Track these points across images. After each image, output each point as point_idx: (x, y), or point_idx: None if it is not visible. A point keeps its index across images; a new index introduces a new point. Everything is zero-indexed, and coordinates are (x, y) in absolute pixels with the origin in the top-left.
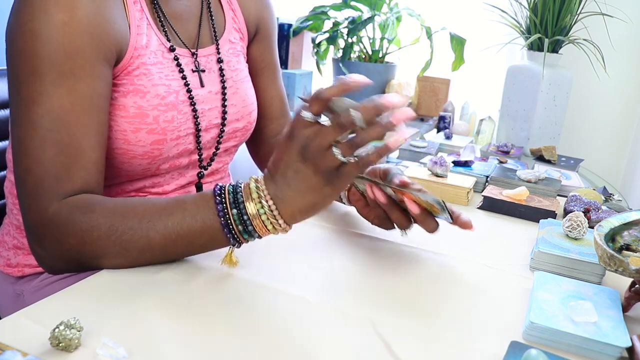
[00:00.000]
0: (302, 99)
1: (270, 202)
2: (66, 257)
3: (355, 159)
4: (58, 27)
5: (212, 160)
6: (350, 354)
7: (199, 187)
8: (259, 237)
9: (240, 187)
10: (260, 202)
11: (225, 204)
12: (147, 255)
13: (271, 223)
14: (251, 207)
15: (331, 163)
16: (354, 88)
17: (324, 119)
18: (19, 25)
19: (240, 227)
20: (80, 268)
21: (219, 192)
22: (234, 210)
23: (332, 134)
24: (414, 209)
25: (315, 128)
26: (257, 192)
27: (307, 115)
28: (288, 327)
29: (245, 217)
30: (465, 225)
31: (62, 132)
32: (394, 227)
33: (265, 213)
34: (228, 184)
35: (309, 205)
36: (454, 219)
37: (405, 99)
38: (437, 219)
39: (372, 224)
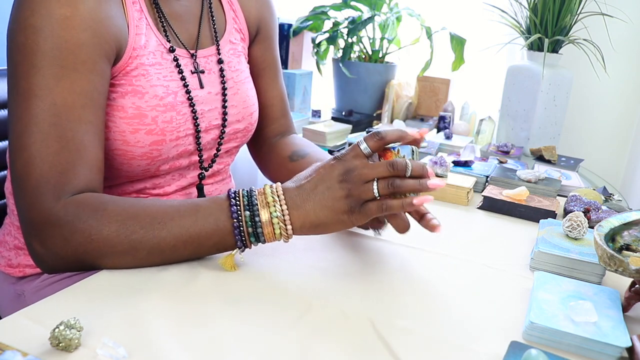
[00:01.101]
0: (360, 141)
1: (285, 207)
2: (69, 256)
3: (384, 199)
4: (60, 22)
5: (213, 161)
6: (350, 354)
7: (200, 189)
8: (264, 241)
9: (255, 191)
10: (274, 206)
11: (240, 205)
12: (155, 256)
13: (280, 227)
14: (264, 210)
15: (365, 195)
16: (408, 140)
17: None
18: (20, 20)
19: (250, 229)
20: (81, 267)
21: (233, 195)
22: (247, 212)
23: (382, 170)
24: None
25: (365, 160)
26: (272, 197)
27: (365, 148)
28: (288, 327)
29: (256, 219)
30: (433, 228)
31: (65, 127)
32: (368, 228)
33: (277, 217)
34: (242, 189)
35: (320, 223)
36: (422, 219)
37: (405, 100)
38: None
39: None
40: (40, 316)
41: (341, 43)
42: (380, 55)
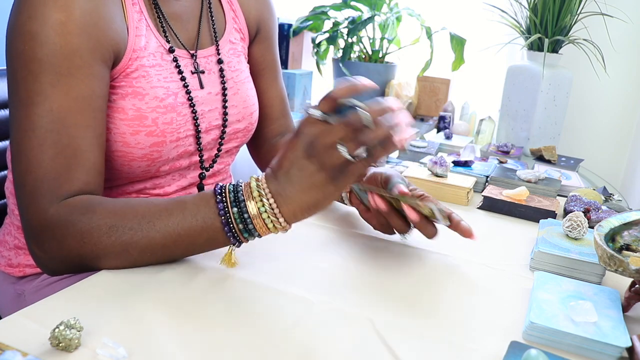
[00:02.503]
0: (308, 107)
1: (272, 200)
2: (66, 259)
3: (363, 155)
4: (55, 28)
5: (214, 161)
6: (350, 354)
7: (200, 189)
8: (259, 236)
9: (241, 186)
10: (262, 201)
11: (226, 202)
12: (147, 255)
13: (272, 221)
14: (252, 206)
15: (336, 160)
16: (361, 90)
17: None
18: (17, 26)
19: (240, 225)
20: (79, 269)
21: (219, 191)
22: (235, 209)
23: (340, 131)
24: (412, 216)
25: (322, 126)
26: (258, 191)
27: (315, 113)
28: (288, 327)
29: (245, 216)
30: (466, 233)
31: (61, 132)
32: (395, 233)
33: (266, 211)
34: (228, 184)
35: (310, 204)
36: (454, 225)
37: (405, 100)
38: (436, 223)
39: (374, 228)
40: (40, 316)
41: (341, 43)
42: (380, 55)
